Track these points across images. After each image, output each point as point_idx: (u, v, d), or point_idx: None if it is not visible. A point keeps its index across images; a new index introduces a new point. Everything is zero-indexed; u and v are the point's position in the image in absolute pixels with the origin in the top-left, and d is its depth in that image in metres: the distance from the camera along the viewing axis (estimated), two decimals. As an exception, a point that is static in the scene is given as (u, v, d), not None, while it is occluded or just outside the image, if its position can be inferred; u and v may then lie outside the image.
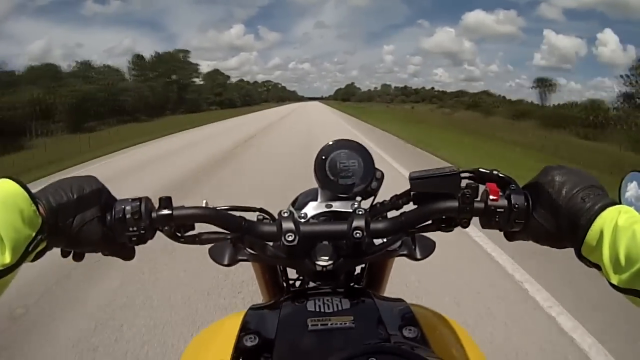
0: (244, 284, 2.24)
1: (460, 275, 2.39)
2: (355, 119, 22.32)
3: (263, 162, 7.03)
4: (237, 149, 9.10)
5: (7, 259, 0.36)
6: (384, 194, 0.59)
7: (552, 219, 0.45)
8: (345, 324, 0.49)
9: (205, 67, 57.43)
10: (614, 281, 0.38)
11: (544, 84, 38.22)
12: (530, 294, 2.17)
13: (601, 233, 0.39)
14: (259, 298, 0.73)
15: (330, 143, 0.56)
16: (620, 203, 0.42)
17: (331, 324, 0.49)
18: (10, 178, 0.41)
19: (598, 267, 0.41)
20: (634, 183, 0.46)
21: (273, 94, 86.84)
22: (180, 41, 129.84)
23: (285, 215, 0.50)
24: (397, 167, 6.02)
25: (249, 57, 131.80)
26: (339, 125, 16.96)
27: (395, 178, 3.87)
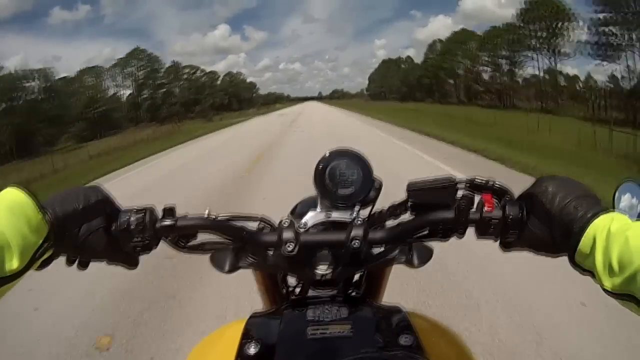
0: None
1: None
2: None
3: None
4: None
5: (14, 265, 0.38)
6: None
7: (546, 228, 0.45)
8: (343, 332, 0.49)
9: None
10: (608, 286, 0.38)
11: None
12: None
13: (594, 240, 0.39)
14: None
15: (330, 152, 0.57)
16: (612, 210, 0.42)
17: (330, 333, 0.49)
18: (17, 187, 0.42)
19: (592, 274, 0.41)
20: (627, 195, 0.46)
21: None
22: (166, 47, 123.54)
23: (286, 225, 0.51)
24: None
25: (236, 59, 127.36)
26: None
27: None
